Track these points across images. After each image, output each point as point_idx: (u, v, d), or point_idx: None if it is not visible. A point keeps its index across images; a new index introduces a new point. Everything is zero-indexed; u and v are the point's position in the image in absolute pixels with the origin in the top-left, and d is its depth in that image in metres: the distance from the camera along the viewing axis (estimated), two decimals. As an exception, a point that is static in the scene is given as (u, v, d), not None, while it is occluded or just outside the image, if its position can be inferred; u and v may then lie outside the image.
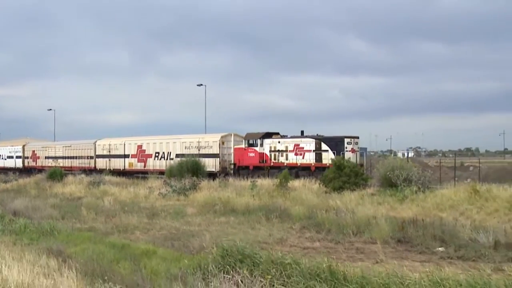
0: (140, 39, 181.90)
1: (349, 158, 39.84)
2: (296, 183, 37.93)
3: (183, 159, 46.82)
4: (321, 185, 36.19)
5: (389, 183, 32.54)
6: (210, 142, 50.41)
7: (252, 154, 46.42)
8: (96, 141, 65.19)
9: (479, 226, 20.66)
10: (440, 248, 18.09)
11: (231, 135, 50.61)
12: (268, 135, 46.63)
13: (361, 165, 40.86)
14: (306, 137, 44.50)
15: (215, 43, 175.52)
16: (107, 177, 51.85)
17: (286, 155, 44.17)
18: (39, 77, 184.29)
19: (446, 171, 44.79)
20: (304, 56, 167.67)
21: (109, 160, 61.78)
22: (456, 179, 38.30)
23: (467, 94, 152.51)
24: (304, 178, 39.56)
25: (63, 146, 71.05)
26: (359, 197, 31.03)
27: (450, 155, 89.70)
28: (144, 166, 56.63)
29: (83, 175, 53.40)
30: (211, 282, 11.22)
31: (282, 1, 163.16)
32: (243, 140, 48.36)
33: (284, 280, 11.56)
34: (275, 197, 32.57)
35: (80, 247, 18.83)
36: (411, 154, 55.76)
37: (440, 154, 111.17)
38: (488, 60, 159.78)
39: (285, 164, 43.44)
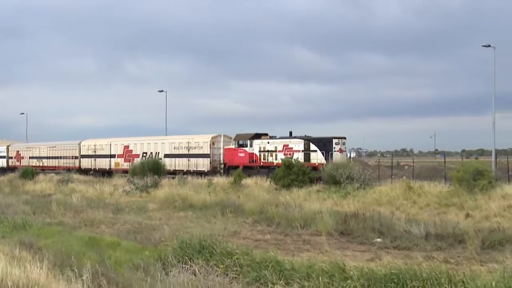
0: (107, 48, 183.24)
1: (338, 157, 40.18)
2: (248, 181, 39.38)
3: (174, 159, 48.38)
4: (271, 183, 37.77)
5: (334, 181, 34.33)
6: (201, 142, 50.39)
7: (242, 154, 46.39)
8: (80, 142, 65.08)
9: (413, 219, 22.29)
10: (378, 239, 19.37)
11: (221, 135, 50.29)
12: (257, 136, 46.62)
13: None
14: (295, 137, 44.45)
15: (175, 53, 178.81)
16: (75, 176, 52.90)
17: (276, 155, 44.06)
18: (11, 83, 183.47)
19: (384, 170, 46.42)
20: (256, 65, 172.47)
21: (95, 160, 62.08)
22: (393, 177, 40.27)
23: (404, 100, 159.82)
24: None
25: (47, 147, 70.92)
26: (306, 193, 32.75)
27: (388, 155, 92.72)
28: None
29: (52, 174, 54.16)
30: (170, 272, 11.87)
31: (236, 15, 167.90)
32: (232, 141, 48.26)
33: (237, 269, 12.42)
34: (230, 193, 34.08)
35: (50, 240, 19.32)
36: (353, 155, 57.18)
37: (379, 155, 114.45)
38: (421, 70, 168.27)
39: (274, 163, 43.19)
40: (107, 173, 57.58)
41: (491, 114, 46.27)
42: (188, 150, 51.07)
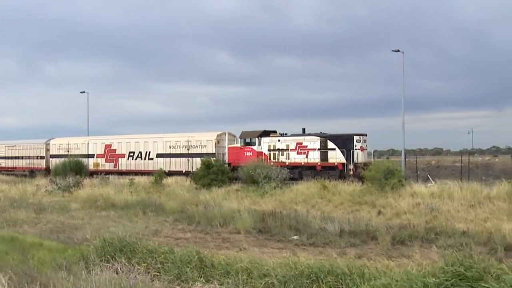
0: (26, 49, 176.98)
1: (358, 156, 37.85)
2: (169, 180, 39.52)
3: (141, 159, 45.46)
4: (192, 182, 37.97)
5: (252, 180, 34.90)
6: (203, 141, 46.73)
7: (249, 153, 42.08)
8: (48, 141, 60.80)
9: (328, 217, 23.13)
10: (294, 237, 19.91)
11: (225, 133, 46.97)
12: (266, 133, 42.85)
13: (369, 163, 37.55)
14: (310, 135, 40.90)
15: (96, 54, 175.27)
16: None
17: (288, 154, 40.75)
18: None
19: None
20: (176, 67, 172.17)
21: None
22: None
23: (316, 102, 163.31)
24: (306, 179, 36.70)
25: (5, 146, 65.53)
26: (226, 192, 33.28)
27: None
28: (115, 166, 52.74)
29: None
30: (93, 270, 11.63)
31: (157, 17, 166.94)
32: (237, 139, 45.36)
33: (159, 267, 12.42)
34: (151, 193, 34.20)
35: (-29, 240, 18.78)
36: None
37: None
38: (332, 73, 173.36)
39: (286, 163, 39.82)
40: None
41: (400, 116, 48.25)
42: (188, 150, 47.37)
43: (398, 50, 47.20)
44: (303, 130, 42.23)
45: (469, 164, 45.20)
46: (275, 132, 43.05)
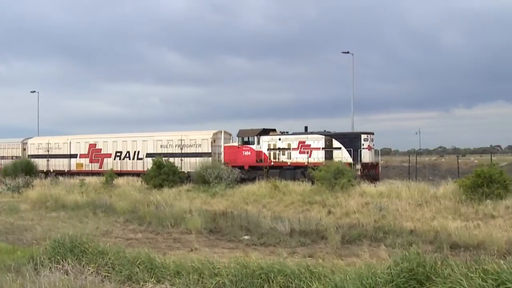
0: None
1: (366, 156, 35.92)
2: (120, 181, 39.17)
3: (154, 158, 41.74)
4: (143, 183, 37.72)
5: (203, 180, 34.88)
6: (198, 140, 44.17)
7: (247, 153, 40.01)
8: (25, 140, 57.72)
9: (278, 217, 23.30)
10: (245, 237, 20.06)
11: (221, 132, 44.32)
12: (265, 131, 40.53)
13: (377, 163, 37.07)
14: (313, 133, 38.76)
15: (46, 54, 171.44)
16: None
17: (289, 154, 38.40)
18: None
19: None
20: (127, 67, 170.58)
21: (48, 160, 54.03)
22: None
23: (267, 103, 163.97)
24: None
25: None
26: (177, 193, 33.18)
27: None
28: (100, 167, 49.45)
29: None
30: (42, 272, 11.51)
31: (108, 17, 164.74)
32: (234, 137, 43.07)
33: (109, 268, 12.39)
34: (102, 193, 33.87)
35: None
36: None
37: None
38: (285, 74, 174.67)
39: (288, 163, 37.91)
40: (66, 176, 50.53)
41: (349, 117, 49.07)
42: (181, 149, 44.86)
43: (348, 52, 48.05)
44: (306, 128, 40.33)
45: (416, 164, 46.22)
46: (274, 130, 41.15)
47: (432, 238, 18.57)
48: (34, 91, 64.71)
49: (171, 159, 41.83)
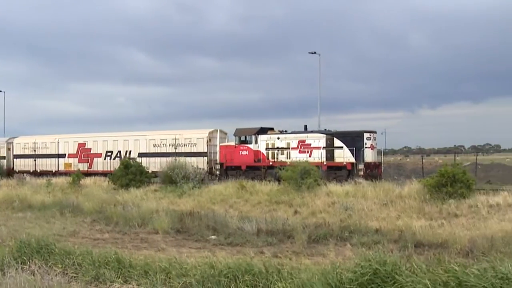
0: None
1: (368, 155, 34.55)
2: (87, 181, 38.90)
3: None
4: (110, 183, 37.46)
5: (170, 180, 34.80)
6: (193, 139, 42.59)
7: (245, 153, 38.68)
8: (10, 139, 55.22)
9: (245, 217, 23.44)
10: (212, 236, 20.17)
11: (217, 130, 43.18)
12: (263, 130, 39.10)
13: (379, 163, 36.16)
14: (313, 132, 37.62)
15: (11, 53, 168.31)
16: None
17: (288, 153, 37.00)
18: None
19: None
20: (94, 67, 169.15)
21: (35, 160, 52.29)
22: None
23: (236, 103, 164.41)
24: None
25: None
26: (144, 193, 33.06)
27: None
28: (90, 167, 47.88)
29: None
30: (8, 273, 11.37)
31: (76, 17, 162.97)
32: (230, 137, 41.96)
33: (76, 268, 12.31)
34: (69, 193, 33.58)
35: None
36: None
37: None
38: (250, 74, 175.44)
39: (287, 163, 35.34)
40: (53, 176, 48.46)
41: (316, 117, 49.46)
42: (175, 148, 43.35)
43: (315, 52, 48.28)
44: (305, 127, 38.74)
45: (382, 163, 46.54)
46: (272, 129, 39.68)
47: (397, 237, 18.89)
48: (0, 91, 63.20)
49: (164, 159, 41.10)
